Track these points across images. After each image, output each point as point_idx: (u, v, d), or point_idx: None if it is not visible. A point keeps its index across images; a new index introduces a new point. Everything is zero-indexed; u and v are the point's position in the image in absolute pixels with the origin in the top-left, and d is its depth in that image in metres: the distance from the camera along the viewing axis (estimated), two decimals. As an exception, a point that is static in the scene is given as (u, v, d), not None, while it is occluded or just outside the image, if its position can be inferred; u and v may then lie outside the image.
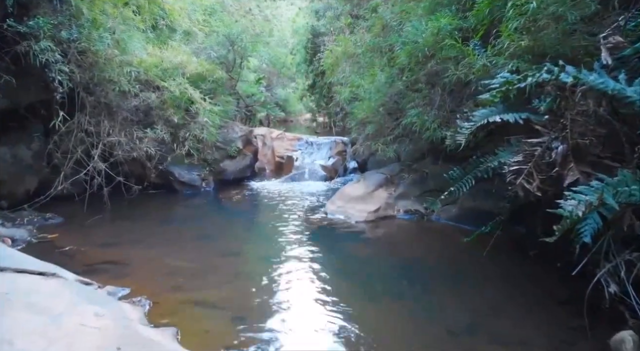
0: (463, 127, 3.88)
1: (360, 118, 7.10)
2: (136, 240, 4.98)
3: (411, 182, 6.15)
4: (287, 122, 22.09)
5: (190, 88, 6.62)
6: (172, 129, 7.05)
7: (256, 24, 17.88)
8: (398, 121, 6.51)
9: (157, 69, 7.07)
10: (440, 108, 5.74)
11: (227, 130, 8.46)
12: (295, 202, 6.89)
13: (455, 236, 5.05)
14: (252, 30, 10.06)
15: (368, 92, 6.66)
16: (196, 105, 6.57)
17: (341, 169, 9.30)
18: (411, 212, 5.81)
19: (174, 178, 7.49)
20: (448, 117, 5.52)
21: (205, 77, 7.24)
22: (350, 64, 8.15)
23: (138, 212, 6.32)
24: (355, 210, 5.74)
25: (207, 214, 6.32)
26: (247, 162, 8.25)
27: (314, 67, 14.29)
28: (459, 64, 4.53)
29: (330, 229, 5.36)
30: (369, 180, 6.31)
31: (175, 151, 6.69)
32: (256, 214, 6.31)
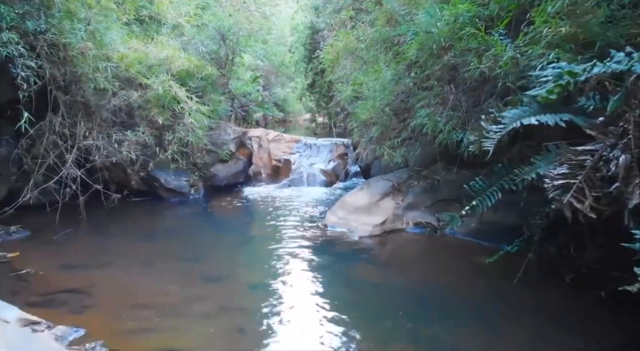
0: (490, 130, 3.23)
1: (363, 119, 6.44)
2: (107, 261, 4.33)
3: (421, 190, 5.50)
4: (286, 122, 21.48)
5: (175, 85, 5.97)
6: (157, 131, 6.40)
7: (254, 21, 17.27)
8: (406, 122, 5.86)
9: (141, 65, 6.42)
10: (455, 108, 5.09)
11: (219, 132, 7.81)
12: (292, 212, 6.24)
13: (474, 254, 4.41)
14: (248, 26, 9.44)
15: (372, 90, 6.00)
16: (181, 105, 5.91)
17: (342, 174, 8.65)
18: (422, 225, 5.16)
19: (160, 185, 6.84)
20: (464, 118, 4.88)
21: (194, 73, 6.57)
22: (352, 60, 7.50)
23: (116, 225, 5.66)
24: (358, 222, 5.09)
25: (193, 227, 5.67)
26: (240, 166, 7.61)
27: (313, 65, 13.71)
28: (480, 57, 3.87)
29: (331, 246, 4.71)
30: (374, 188, 5.66)
31: (159, 155, 6.02)
32: (248, 227, 5.66)
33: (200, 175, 7.30)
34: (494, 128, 3.23)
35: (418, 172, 5.82)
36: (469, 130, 4.68)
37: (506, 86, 3.71)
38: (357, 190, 5.82)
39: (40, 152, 5.77)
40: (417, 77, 5.60)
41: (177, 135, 5.95)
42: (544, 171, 2.92)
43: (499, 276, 3.80)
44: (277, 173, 9.28)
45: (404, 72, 6.04)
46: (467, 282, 3.77)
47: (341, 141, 9.89)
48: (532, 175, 3.03)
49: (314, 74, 14.24)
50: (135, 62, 6.28)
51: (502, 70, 3.58)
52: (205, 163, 7.36)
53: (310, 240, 4.86)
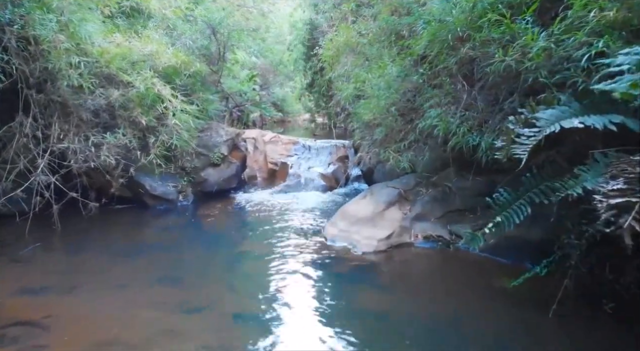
0: (522, 134, 2.69)
1: (366, 120, 5.90)
2: (76, 283, 3.78)
3: (431, 199, 4.96)
4: (285, 122, 20.99)
5: (159, 83, 5.42)
6: (140, 133, 5.85)
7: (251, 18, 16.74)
8: (413, 124, 5.33)
9: (123, 61, 5.87)
10: (469, 107, 4.55)
11: (210, 134, 7.26)
12: (288, 221, 5.69)
13: (494, 274, 3.87)
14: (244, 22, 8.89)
15: (376, 88, 5.46)
16: (165, 104, 5.36)
17: (342, 178, 8.11)
18: (433, 239, 4.62)
19: (145, 191, 6.29)
20: (480, 119, 4.34)
21: (181, 70, 6.03)
22: (353, 56, 6.96)
23: (93, 237, 5.12)
24: (361, 236, 4.54)
25: (178, 240, 5.12)
26: (232, 170, 7.05)
27: (312, 64, 13.26)
28: (505, 48, 3.33)
29: (331, 265, 4.17)
30: (378, 196, 5.12)
31: (140, 160, 5.47)
32: (239, 240, 5.12)
33: (190, 180, 6.76)
34: (526, 131, 2.69)
35: (427, 179, 5.28)
36: (486, 133, 4.15)
37: (535, 82, 3.17)
38: (359, 198, 5.27)
39: (10, 156, 5.24)
40: (425, 73, 5.07)
41: (161, 137, 5.39)
42: (593, 185, 2.38)
43: (527, 304, 3.26)
44: (274, 177, 8.74)
45: (410, 68, 5.51)
46: (490, 313, 3.22)
47: (341, 143, 9.34)
48: (577, 190, 2.48)
49: (313, 73, 13.82)
50: (116, 57, 5.73)
51: (532, 63, 3.03)
52: (194, 168, 6.81)
53: (308, 258, 4.31)
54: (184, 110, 5.49)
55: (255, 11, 14.32)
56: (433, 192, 5.03)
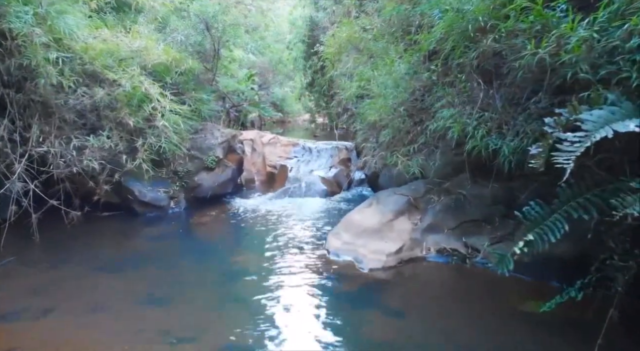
0: (565, 139, 2.26)
1: (371, 121, 5.48)
2: (50, 305, 3.37)
3: (443, 207, 4.53)
4: (285, 123, 20.61)
5: (146, 81, 4.99)
6: (128, 135, 5.43)
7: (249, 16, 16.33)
8: (423, 125, 4.91)
9: (111, 57, 5.45)
10: (486, 107, 4.13)
11: (205, 135, 6.83)
12: (287, 231, 5.27)
13: (518, 295, 3.46)
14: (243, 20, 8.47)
15: (383, 86, 5.04)
16: (153, 104, 4.93)
17: (345, 182, 7.68)
18: (447, 253, 4.19)
19: (133, 198, 5.86)
20: (501, 120, 3.92)
21: (172, 68, 5.60)
22: (357, 53, 6.54)
23: (74, 249, 4.68)
24: (368, 249, 4.12)
25: (167, 253, 4.70)
26: (228, 174, 6.62)
27: (312, 62, 12.89)
28: (535, 40, 2.90)
29: (334, 284, 3.74)
30: (385, 204, 4.69)
31: (126, 165, 5.04)
32: (232, 253, 4.68)
33: (182, 185, 6.33)
34: (569, 136, 2.26)
35: (438, 185, 4.85)
36: (508, 136, 3.73)
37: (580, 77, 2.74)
38: (365, 206, 4.85)
39: (-16, 161, 4.82)
40: (437, 70, 4.65)
41: (148, 140, 4.96)
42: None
43: (562, 335, 2.84)
44: (272, 181, 8.32)
45: (419, 64, 5.09)
46: (519, 345, 2.79)
47: (343, 144, 8.93)
48: (637, 209, 2.05)
49: (313, 72, 13.46)
50: (102, 54, 5.31)
51: (572, 56, 2.60)
52: (187, 172, 6.38)
53: (308, 276, 3.88)
54: (173, 111, 5.06)
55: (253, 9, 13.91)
56: (446, 200, 4.60)
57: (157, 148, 5.01)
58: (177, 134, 5.18)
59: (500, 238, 4.19)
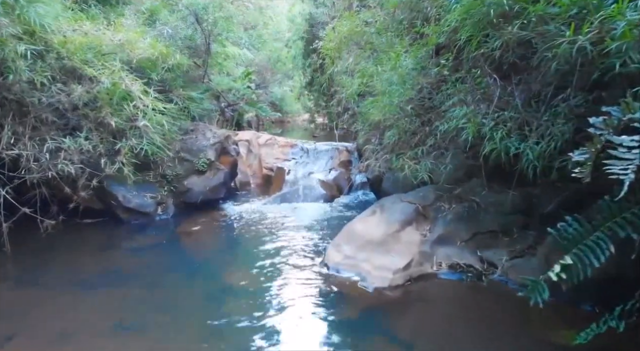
0: (621, 143, 1.82)
1: (374, 121, 5.04)
2: (13, 331, 2.94)
3: (455, 217, 4.09)
4: (284, 123, 20.21)
5: (128, 77, 4.54)
6: (110, 136, 4.98)
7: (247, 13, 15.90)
8: (432, 125, 4.46)
9: (92, 52, 5.01)
10: (505, 106, 3.70)
11: (196, 136, 6.39)
12: (283, 240, 4.83)
13: (545, 320, 3.01)
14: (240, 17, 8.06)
15: (387, 83, 4.60)
16: (135, 102, 4.49)
17: (345, 186, 7.24)
18: (460, 268, 3.74)
19: (117, 204, 5.42)
20: (522, 120, 3.48)
21: (158, 63, 5.16)
22: (359, 48, 6.09)
23: (48, 262, 4.24)
24: (372, 265, 3.67)
25: (150, 266, 4.25)
26: (220, 178, 6.17)
27: (312, 60, 12.54)
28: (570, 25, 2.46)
29: (334, 306, 3.30)
30: (391, 213, 4.25)
31: (105, 169, 4.59)
32: (222, 267, 4.24)
33: (171, 189, 5.88)
34: (625, 140, 1.82)
35: (449, 191, 4.41)
36: (532, 137, 3.29)
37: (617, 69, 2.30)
38: (368, 215, 4.40)
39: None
40: (448, 64, 4.21)
41: (129, 142, 4.52)
42: None
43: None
44: (269, 184, 7.88)
45: (428, 59, 4.65)
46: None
47: (343, 145, 8.49)
48: None
49: (312, 70, 13.15)
50: (81, 48, 4.87)
51: (622, 43, 2.16)
52: (176, 175, 5.94)
53: (304, 296, 3.44)
54: (157, 109, 4.61)
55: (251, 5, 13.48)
56: (457, 208, 4.16)
57: (139, 151, 4.55)
58: (162, 135, 4.72)
59: (520, 252, 3.75)
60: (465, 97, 4.09)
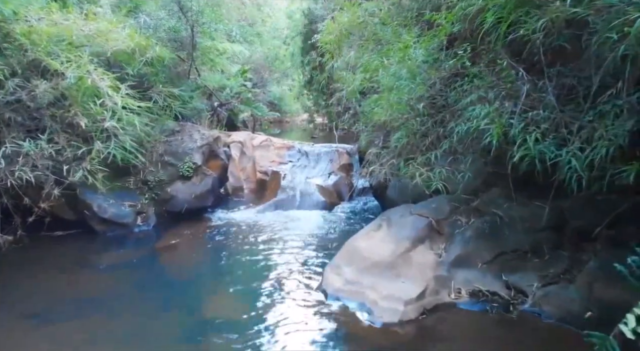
0: None
1: (380, 121, 4.46)
2: None
3: (475, 233, 3.50)
4: (283, 123, 19.69)
5: (97, 72, 3.96)
6: (80, 139, 4.40)
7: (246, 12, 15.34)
8: (446, 127, 3.88)
9: (62, 43, 4.44)
10: (537, 103, 3.12)
11: (182, 138, 5.81)
12: (275, 257, 4.26)
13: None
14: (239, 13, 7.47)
15: (394, 78, 4.02)
16: (102, 100, 3.90)
17: (346, 192, 6.66)
18: (483, 297, 3.15)
19: (92, 214, 4.84)
20: (559, 120, 2.90)
21: (135, 56, 4.57)
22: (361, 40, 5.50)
23: (5, 287, 3.65)
24: (379, 294, 3.08)
25: (122, 290, 3.66)
26: (207, 184, 5.59)
27: (311, 58, 11.98)
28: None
29: (333, 347, 2.71)
30: (399, 228, 3.67)
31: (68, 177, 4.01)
32: (203, 292, 3.65)
33: (152, 197, 5.31)
34: None
35: (466, 203, 3.82)
36: (573, 142, 2.71)
37: None
38: (372, 229, 3.82)
39: None
40: (466, 55, 3.63)
41: (96, 146, 3.93)
42: None
43: None
44: (263, 189, 7.28)
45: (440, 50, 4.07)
46: None
47: (344, 148, 7.91)
48: None
49: (311, 68, 12.60)
50: (46, 38, 4.29)
51: None
52: (159, 181, 5.37)
53: (297, 329, 2.87)
54: (128, 108, 4.01)
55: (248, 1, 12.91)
56: (477, 223, 3.58)
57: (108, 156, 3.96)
58: (134, 137, 4.13)
59: (554, 278, 3.17)
60: (486, 94, 3.51)
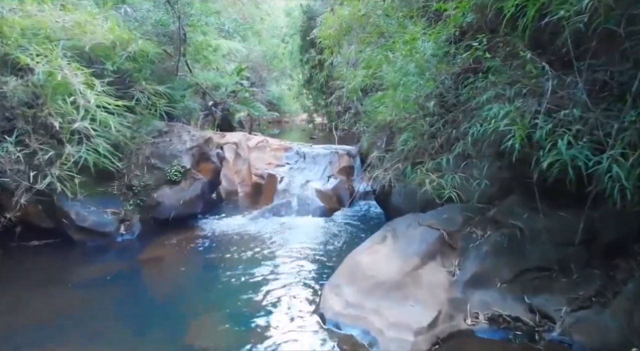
0: None
1: (384, 121, 4.06)
2: None
3: (492, 248, 3.10)
4: (282, 123, 19.34)
5: (68, 66, 3.56)
6: (54, 141, 4.00)
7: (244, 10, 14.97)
8: (459, 128, 3.48)
9: (37, 37, 4.05)
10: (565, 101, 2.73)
11: (170, 139, 5.42)
12: (268, 271, 3.86)
13: None
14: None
15: (401, 73, 3.62)
16: (74, 97, 3.50)
17: (347, 196, 6.27)
18: (503, 322, 2.75)
19: (69, 222, 4.44)
20: (596, 121, 2.50)
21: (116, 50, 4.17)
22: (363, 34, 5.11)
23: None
24: (385, 320, 2.68)
25: (98, 312, 3.25)
26: (197, 189, 5.18)
27: (310, 56, 11.64)
28: None
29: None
30: (406, 242, 3.27)
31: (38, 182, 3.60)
32: (188, 314, 3.23)
33: (137, 203, 4.91)
34: None
35: (480, 212, 3.42)
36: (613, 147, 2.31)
37: None
38: (377, 242, 3.42)
39: None
40: (482, 47, 3.24)
41: (67, 150, 3.53)
42: None
43: None
44: (259, 193, 6.88)
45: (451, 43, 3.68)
46: None
47: (344, 149, 7.51)
48: None
49: (310, 67, 12.26)
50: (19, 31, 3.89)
51: None
52: (145, 186, 4.97)
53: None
54: (102, 106, 3.60)
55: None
56: (494, 235, 3.17)
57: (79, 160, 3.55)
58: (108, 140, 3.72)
59: (586, 301, 2.76)
60: (504, 91, 3.12)
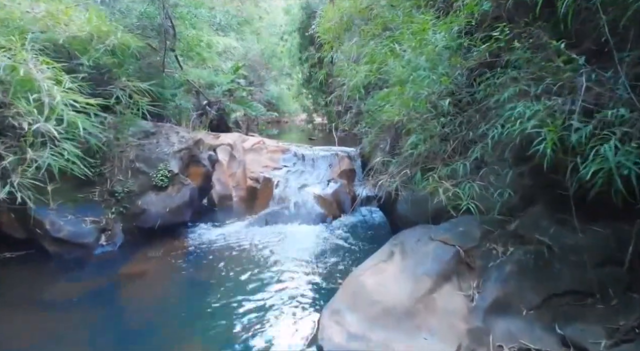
0: None
1: (389, 122, 3.66)
2: None
3: (516, 267, 2.70)
4: (281, 123, 18.96)
5: (34, 60, 3.16)
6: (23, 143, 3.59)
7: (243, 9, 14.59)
8: (476, 130, 3.08)
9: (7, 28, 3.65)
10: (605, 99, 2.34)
11: (157, 141, 5.02)
12: (259, 289, 3.46)
13: None
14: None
15: (411, 68, 3.22)
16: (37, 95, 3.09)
17: (347, 201, 5.87)
18: (533, 358, 2.35)
19: (44, 232, 4.04)
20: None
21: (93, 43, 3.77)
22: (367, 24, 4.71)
23: None
24: (394, 355, 2.28)
25: (64, 339, 2.85)
26: (185, 196, 4.78)
27: (309, 54, 11.33)
28: None
29: None
30: (417, 259, 2.87)
31: (0, 192, 3.20)
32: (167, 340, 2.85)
33: (120, 211, 4.51)
34: None
35: (500, 226, 3.02)
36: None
37: None
38: (382, 259, 3.02)
39: None
40: (503, 38, 2.84)
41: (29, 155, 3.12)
42: None
43: None
44: (254, 198, 6.48)
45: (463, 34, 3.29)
46: None
47: (345, 151, 7.12)
48: None
49: (310, 66, 11.95)
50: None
51: None
52: (128, 192, 4.57)
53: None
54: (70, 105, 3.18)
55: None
56: (517, 253, 2.77)
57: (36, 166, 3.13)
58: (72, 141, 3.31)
59: (628, 332, 2.36)
60: (528, 87, 2.72)
